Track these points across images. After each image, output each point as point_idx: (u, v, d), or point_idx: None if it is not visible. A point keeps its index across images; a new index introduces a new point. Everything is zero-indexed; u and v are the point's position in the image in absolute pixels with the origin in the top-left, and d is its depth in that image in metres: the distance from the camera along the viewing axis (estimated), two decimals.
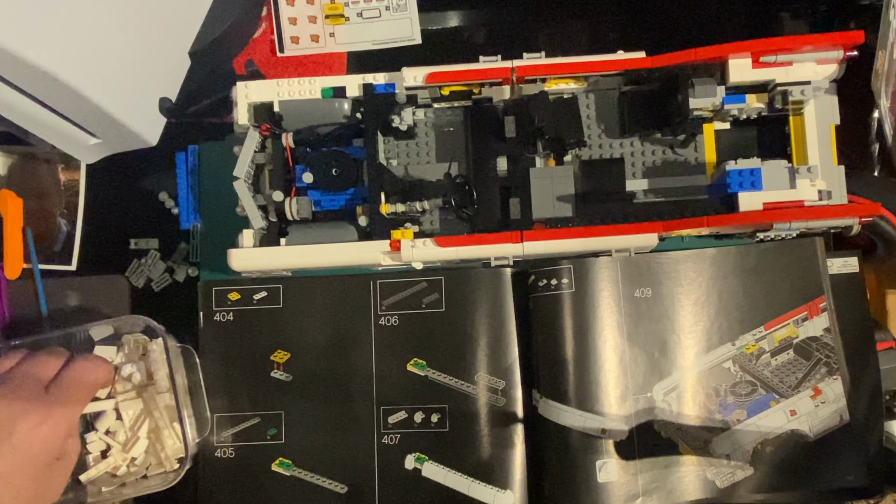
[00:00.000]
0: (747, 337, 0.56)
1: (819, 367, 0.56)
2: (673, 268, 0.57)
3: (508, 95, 0.56)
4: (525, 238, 0.53)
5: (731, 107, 0.54)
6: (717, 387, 0.56)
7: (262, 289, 0.59)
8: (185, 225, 0.61)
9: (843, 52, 0.52)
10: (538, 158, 0.56)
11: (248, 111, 0.56)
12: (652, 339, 0.56)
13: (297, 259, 0.54)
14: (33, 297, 0.60)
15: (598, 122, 0.57)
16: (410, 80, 0.55)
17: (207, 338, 0.59)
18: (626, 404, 0.55)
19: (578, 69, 0.54)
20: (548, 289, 0.56)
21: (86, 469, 0.57)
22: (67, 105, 0.52)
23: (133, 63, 0.54)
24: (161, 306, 0.61)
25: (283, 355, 0.58)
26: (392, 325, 0.58)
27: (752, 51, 0.52)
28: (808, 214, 0.51)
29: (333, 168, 0.54)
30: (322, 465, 0.56)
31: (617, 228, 0.53)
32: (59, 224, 0.62)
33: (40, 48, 0.47)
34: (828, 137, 0.54)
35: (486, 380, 0.57)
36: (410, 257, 0.53)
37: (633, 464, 0.54)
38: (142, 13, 0.54)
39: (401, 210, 0.55)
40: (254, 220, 0.54)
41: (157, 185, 0.63)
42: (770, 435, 0.55)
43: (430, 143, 0.58)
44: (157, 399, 0.58)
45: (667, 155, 0.57)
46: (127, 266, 0.61)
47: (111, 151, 0.60)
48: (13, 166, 0.63)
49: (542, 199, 0.55)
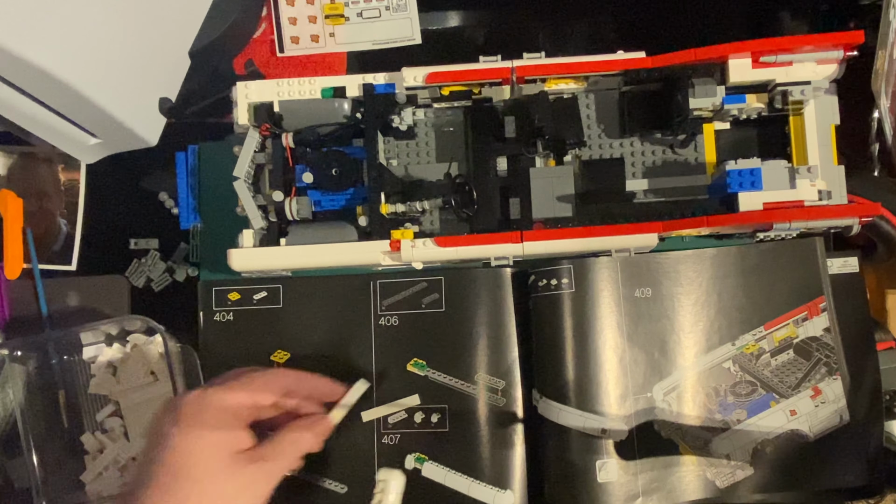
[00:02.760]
0: (747, 337, 0.56)
1: (819, 367, 0.56)
2: (673, 268, 0.57)
3: (508, 95, 0.56)
4: (525, 238, 0.53)
5: (731, 107, 0.54)
6: (717, 387, 0.56)
7: (262, 289, 0.59)
8: (185, 225, 0.61)
9: (843, 52, 0.52)
10: (538, 158, 0.56)
11: (248, 111, 0.56)
12: (652, 339, 0.56)
13: (297, 259, 0.54)
14: (33, 297, 0.60)
15: (598, 122, 0.57)
16: (410, 80, 0.55)
17: (207, 338, 0.59)
18: (626, 404, 0.55)
19: (578, 69, 0.54)
20: (548, 289, 0.56)
21: (85, 469, 0.58)
22: (67, 105, 0.52)
23: (133, 63, 0.54)
24: (161, 306, 0.61)
25: (283, 355, 0.58)
26: (392, 325, 0.58)
27: (752, 51, 0.52)
28: (808, 214, 0.51)
29: (333, 168, 0.54)
30: (322, 465, 0.56)
31: (617, 228, 0.53)
32: (59, 224, 0.62)
33: (40, 48, 0.47)
34: (828, 137, 0.54)
35: (486, 380, 0.57)
36: (410, 257, 0.53)
37: (633, 464, 0.54)
38: (142, 13, 0.54)
39: (401, 210, 0.55)
40: (254, 220, 0.54)
41: (157, 185, 0.63)
42: (770, 435, 0.55)
43: (430, 143, 0.58)
44: (157, 399, 0.58)
45: (667, 155, 0.57)
46: (127, 266, 0.61)
47: (111, 151, 0.60)
48: (13, 166, 0.63)
49: (542, 199, 0.55)
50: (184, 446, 0.43)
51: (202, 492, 0.42)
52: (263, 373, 0.49)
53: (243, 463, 0.44)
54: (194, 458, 0.43)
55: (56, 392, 0.59)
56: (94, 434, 0.58)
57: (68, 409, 0.59)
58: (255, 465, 0.44)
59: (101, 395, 0.59)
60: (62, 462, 0.58)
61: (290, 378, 0.50)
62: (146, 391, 0.58)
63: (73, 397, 0.59)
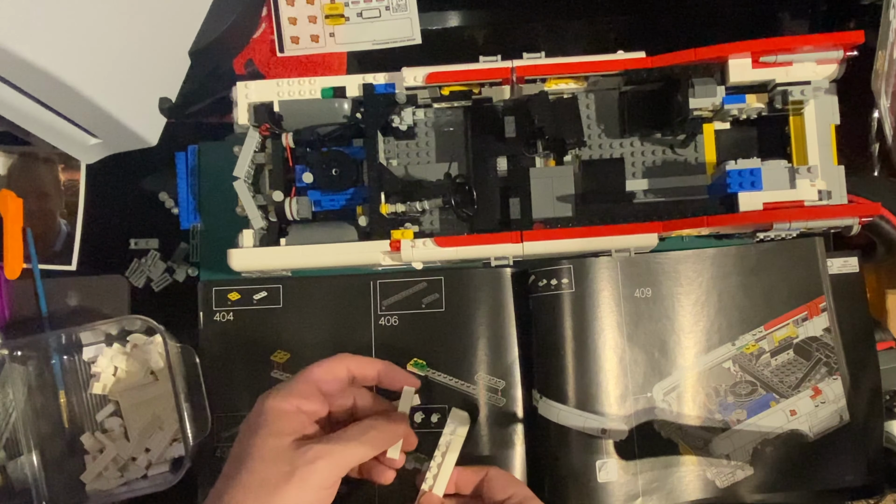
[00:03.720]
0: (747, 337, 0.56)
1: (819, 367, 0.56)
2: (673, 268, 0.57)
3: (508, 95, 0.56)
4: (525, 238, 0.53)
5: (731, 107, 0.54)
6: (717, 387, 0.56)
7: (262, 289, 0.59)
8: (185, 225, 0.61)
9: (843, 52, 0.52)
10: (538, 158, 0.56)
11: (248, 111, 0.56)
12: (652, 339, 0.56)
13: (297, 259, 0.54)
14: (33, 297, 0.60)
15: (598, 122, 0.57)
16: (410, 80, 0.55)
17: (207, 338, 0.59)
18: (626, 404, 0.55)
19: (578, 69, 0.54)
20: (548, 289, 0.56)
21: (85, 469, 0.58)
22: (67, 105, 0.52)
23: (133, 63, 0.54)
24: (161, 306, 0.61)
25: (283, 355, 0.58)
26: (392, 325, 0.58)
27: (752, 51, 0.52)
28: (808, 214, 0.51)
29: (333, 168, 0.54)
30: None
31: (617, 228, 0.53)
32: (59, 224, 0.62)
33: (40, 48, 0.47)
34: (828, 137, 0.54)
35: (486, 380, 0.57)
36: (410, 257, 0.53)
37: (633, 464, 0.54)
38: (142, 13, 0.54)
39: (401, 210, 0.55)
40: (254, 220, 0.54)
41: (157, 185, 0.63)
42: (770, 435, 0.55)
43: (430, 143, 0.58)
44: (157, 399, 0.58)
45: (667, 155, 0.57)
46: (127, 266, 0.61)
47: (111, 151, 0.60)
48: (13, 166, 0.63)
49: (542, 199, 0.55)
50: (245, 434, 0.45)
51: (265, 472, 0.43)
52: (325, 360, 0.49)
53: (305, 447, 0.44)
54: (254, 443, 0.44)
55: (56, 392, 0.59)
56: (94, 434, 0.58)
57: (68, 409, 0.59)
58: (318, 447, 0.44)
59: (101, 395, 0.59)
60: (62, 462, 0.58)
61: (352, 362, 0.49)
62: (146, 391, 0.58)
63: (73, 397, 0.59)
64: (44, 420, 0.58)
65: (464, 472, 0.50)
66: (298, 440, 0.45)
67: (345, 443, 0.45)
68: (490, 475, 0.49)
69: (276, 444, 0.44)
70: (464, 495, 0.50)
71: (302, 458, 0.43)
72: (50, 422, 0.59)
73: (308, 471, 0.43)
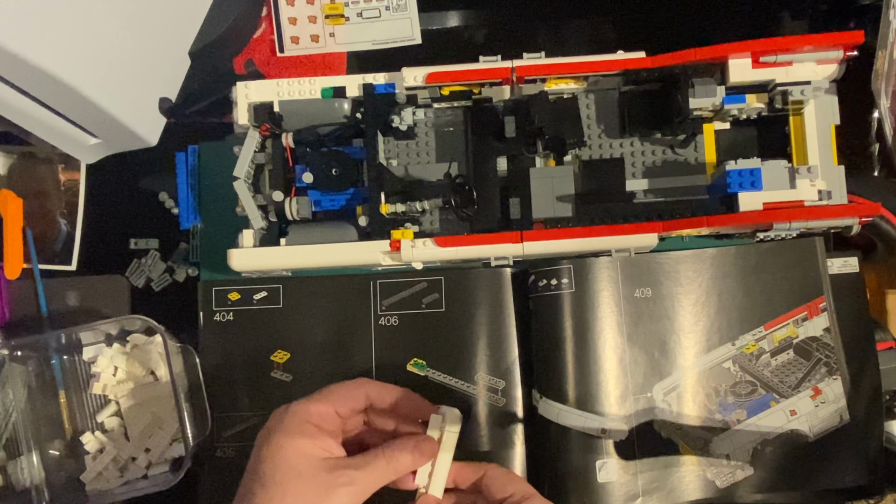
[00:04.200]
0: (747, 337, 0.56)
1: (819, 367, 0.56)
2: (673, 268, 0.57)
3: (508, 95, 0.56)
4: (525, 238, 0.53)
5: (731, 107, 0.54)
6: (717, 387, 0.56)
7: (262, 289, 0.59)
8: (185, 225, 0.61)
9: (843, 52, 0.52)
10: (538, 158, 0.56)
11: (248, 111, 0.56)
12: (652, 339, 0.56)
13: (297, 259, 0.54)
14: (33, 297, 0.60)
15: (598, 122, 0.57)
16: (410, 80, 0.55)
17: (207, 338, 0.59)
18: (626, 404, 0.55)
19: (578, 69, 0.54)
20: (548, 289, 0.56)
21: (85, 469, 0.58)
22: (67, 105, 0.52)
23: (133, 63, 0.54)
24: (161, 306, 0.61)
25: (283, 355, 0.58)
26: (392, 325, 0.58)
27: (752, 51, 0.52)
28: (808, 214, 0.51)
29: (333, 168, 0.54)
30: None
31: (617, 228, 0.53)
32: (59, 224, 0.62)
33: (40, 48, 0.47)
34: (828, 137, 0.54)
35: (486, 380, 0.57)
36: (410, 257, 0.53)
37: (633, 464, 0.54)
38: (142, 13, 0.54)
39: (401, 210, 0.55)
40: (254, 220, 0.54)
41: (157, 185, 0.63)
42: (770, 435, 0.55)
43: (430, 143, 0.58)
44: (157, 399, 0.58)
45: (667, 155, 0.57)
46: (127, 266, 0.61)
47: (111, 151, 0.60)
48: (13, 166, 0.63)
49: (542, 199, 0.55)
50: (268, 453, 0.44)
51: (286, 494, 0.43)
52: (345, 383, 0.49)
53: (329, 469, 0.44)
54: (277, 463, 0.44)
55: (56, 392, 0.59)
56: (94, 434, 0.58)
57: (68, 409, 0.59)
58: (342, 471, 0.44)
59: (101, 395, 0.59)
60: (62, 462, 0.58)
61: (371, 388, 0.49)
62: (146, 391, 0.58)
63: (72, 397, 0.59)
64: (44, 420, 0.58)
65: (461, 467, 0.50)
66: (326, 458, 0.45)
67: (372, 469, 0.46)
68: (490, 473, 0.49)
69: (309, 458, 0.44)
70: (461, 490, 0.50)
71: (336, 481, 0.44)
72: (50, 422, 0.59)
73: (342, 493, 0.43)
